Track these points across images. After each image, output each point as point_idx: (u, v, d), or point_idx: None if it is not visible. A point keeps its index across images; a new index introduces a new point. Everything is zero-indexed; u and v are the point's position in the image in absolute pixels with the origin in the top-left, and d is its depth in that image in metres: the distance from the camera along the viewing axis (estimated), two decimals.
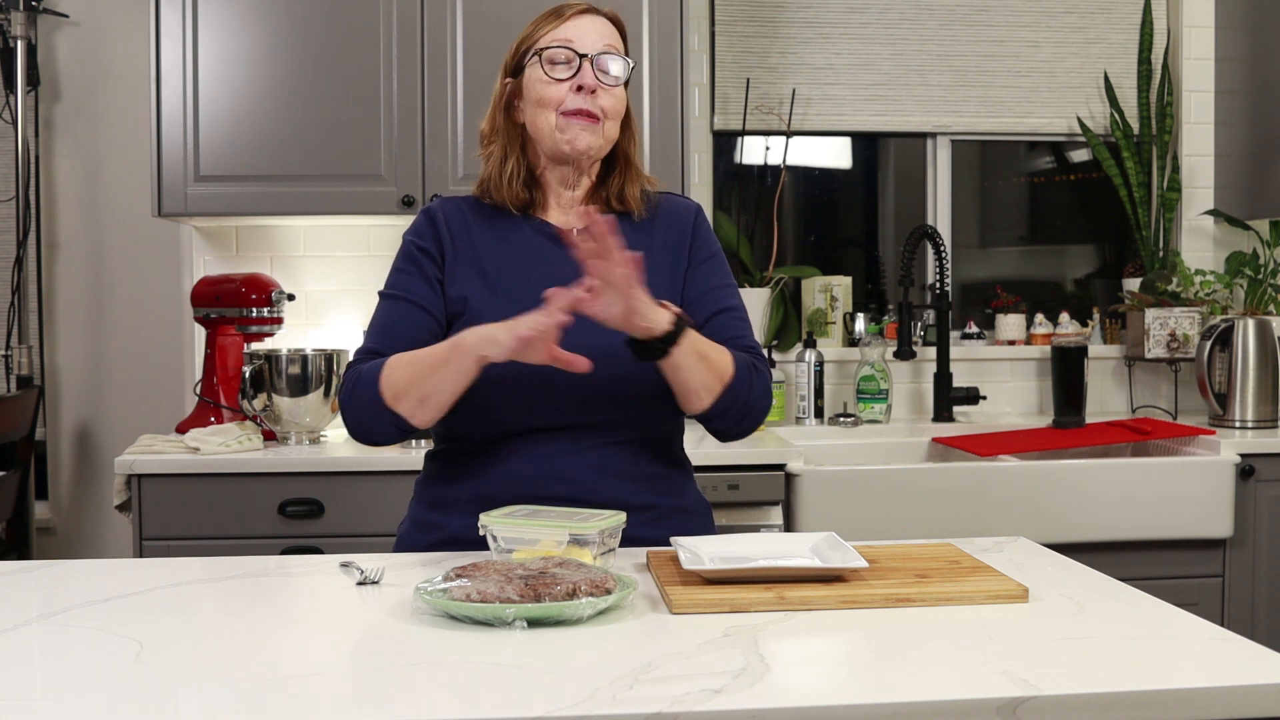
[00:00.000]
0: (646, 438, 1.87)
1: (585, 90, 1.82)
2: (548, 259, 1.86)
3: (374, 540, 2.68)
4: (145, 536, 2.82)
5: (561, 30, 1.85)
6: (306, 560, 1.78)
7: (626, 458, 1.84)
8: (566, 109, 1.82)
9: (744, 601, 1.44)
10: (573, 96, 1.82)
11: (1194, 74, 3.74)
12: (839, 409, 3.55)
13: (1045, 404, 3.68)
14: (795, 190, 3.84)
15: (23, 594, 1.58)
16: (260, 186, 3.10)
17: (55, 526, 3.78)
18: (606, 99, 1.84)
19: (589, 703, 1.12)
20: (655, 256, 1.90)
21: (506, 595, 1.36)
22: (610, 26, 1.89)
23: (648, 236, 1.92)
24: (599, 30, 1.86)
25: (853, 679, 1.26)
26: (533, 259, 1.87)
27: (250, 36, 3.08)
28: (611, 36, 1.87)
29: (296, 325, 3.42)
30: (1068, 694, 1.15)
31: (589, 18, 1.87)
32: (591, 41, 1.84)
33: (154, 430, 3.40)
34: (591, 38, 1.85)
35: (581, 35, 1.85)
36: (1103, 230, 3.94)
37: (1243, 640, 1.33)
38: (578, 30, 1.85)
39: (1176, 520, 2.97)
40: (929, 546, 1.73)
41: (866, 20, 3.69)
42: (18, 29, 3.62)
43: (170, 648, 1.32)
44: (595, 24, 1.86)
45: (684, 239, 1.94)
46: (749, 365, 1.84)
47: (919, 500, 2.89)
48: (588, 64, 1.83)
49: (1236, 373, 3.37)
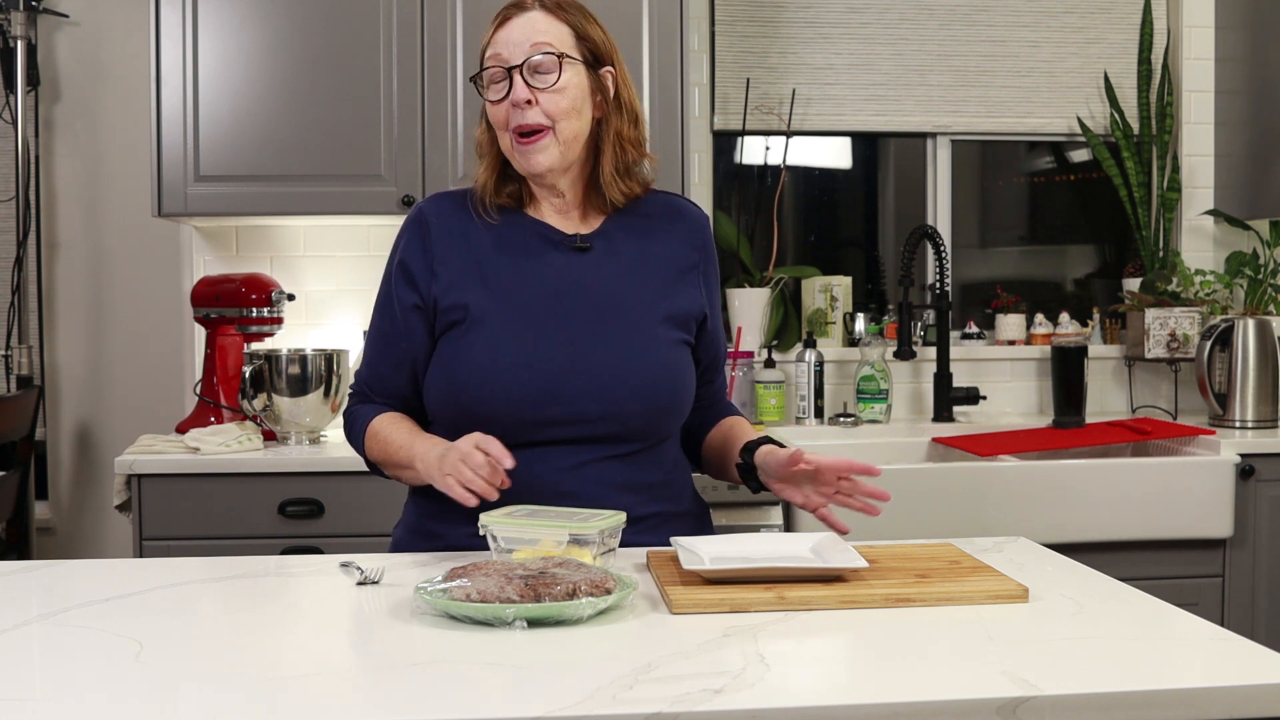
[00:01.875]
0: (651, 447, 1.85)
1: (519, 105, 1.76)
2: (551, 265, 1.83)
3: (374, 540, 2.68)
4: (145, 536, 2.82)
5: (492, 46, 1.80)
6: (306, 560, 1.78)
7: (631, 469, 1.82)
8: (513, 127, 1.78)
9: (744, 601, 1.44)
10: (513, 113, 1.77)
11: (1194, 74, 3.74)
12: (839, 409, 3.55)
13: (1045, 404, 3.68)
14: (795, 190, 3.84)
15: (23, 594, 1.58)
16: (260, 186, 3.10)
17: (55, 526, 3.78)
18: (549, 102, 1.76)
19: (589, 703, 1.12)
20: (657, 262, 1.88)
21: (506, 595, 1.37)
22: (544, 19, 1.78)
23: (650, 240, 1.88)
24: (526, 31, 1.77)
25: (853, 679, 1.26)
26: (536, 265, 1.83)
27: (250, 36, 3.08)
28: (543, 31, 1.77)
29: (296, 325, 3.42)
30: (1068, 694, 1.15)
31: (516, 20, 1.78)
32: (517, 48, 1.76)
33: (154, 430, 3.40)
34: (517, 43, 1.76)
35: (507, 45, 1.77)
36: (1103, 230, 3.94)
37: (1243, 640, 1.33)
38: (504, 39, 1.78)
39: (1176, 520, 2.97)
40: (929, 546, 1.74)
41: (866, 20, 3.69)
42: (18, 29, 3.62)
43: (170, 648, 1.32)
44: (523, 25, 1.77)
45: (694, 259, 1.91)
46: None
47: (919, 500, 2.89)
48: (517, 75, 1.76)
49: (1236, 373, 3.36)
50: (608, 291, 1.83)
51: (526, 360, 1.77)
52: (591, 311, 1.81)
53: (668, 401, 1.83)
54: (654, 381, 1.80)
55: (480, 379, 1.76)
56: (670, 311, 1.86)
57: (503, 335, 1.78)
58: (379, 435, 1.84)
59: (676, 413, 1.87)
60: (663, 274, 1.88)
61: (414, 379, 1.86)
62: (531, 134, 1.77)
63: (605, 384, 1.77)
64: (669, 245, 1.90)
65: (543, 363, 1.77)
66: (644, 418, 1.81)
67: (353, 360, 3.23)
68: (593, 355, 1.78)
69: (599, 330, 1.80)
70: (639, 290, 1.85)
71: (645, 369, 1.80)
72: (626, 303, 1.83)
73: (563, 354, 1.78)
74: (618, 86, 1.84)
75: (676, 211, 1.94)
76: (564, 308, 1.80)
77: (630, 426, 1.80)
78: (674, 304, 1.87)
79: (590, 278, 1.83)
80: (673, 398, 1.84)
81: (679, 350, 1.86)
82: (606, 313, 1.82)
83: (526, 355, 1.77)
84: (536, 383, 1.76)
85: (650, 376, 1.80)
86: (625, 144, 1.84)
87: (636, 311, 1.83)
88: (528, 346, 1.78)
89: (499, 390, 1.76)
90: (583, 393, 1.76)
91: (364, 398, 1.92)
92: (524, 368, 1.76)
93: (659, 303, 1.85)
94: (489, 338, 1.78)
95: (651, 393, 1.81)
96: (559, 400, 1.76)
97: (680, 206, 1.95)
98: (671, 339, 1.85)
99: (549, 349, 1.78)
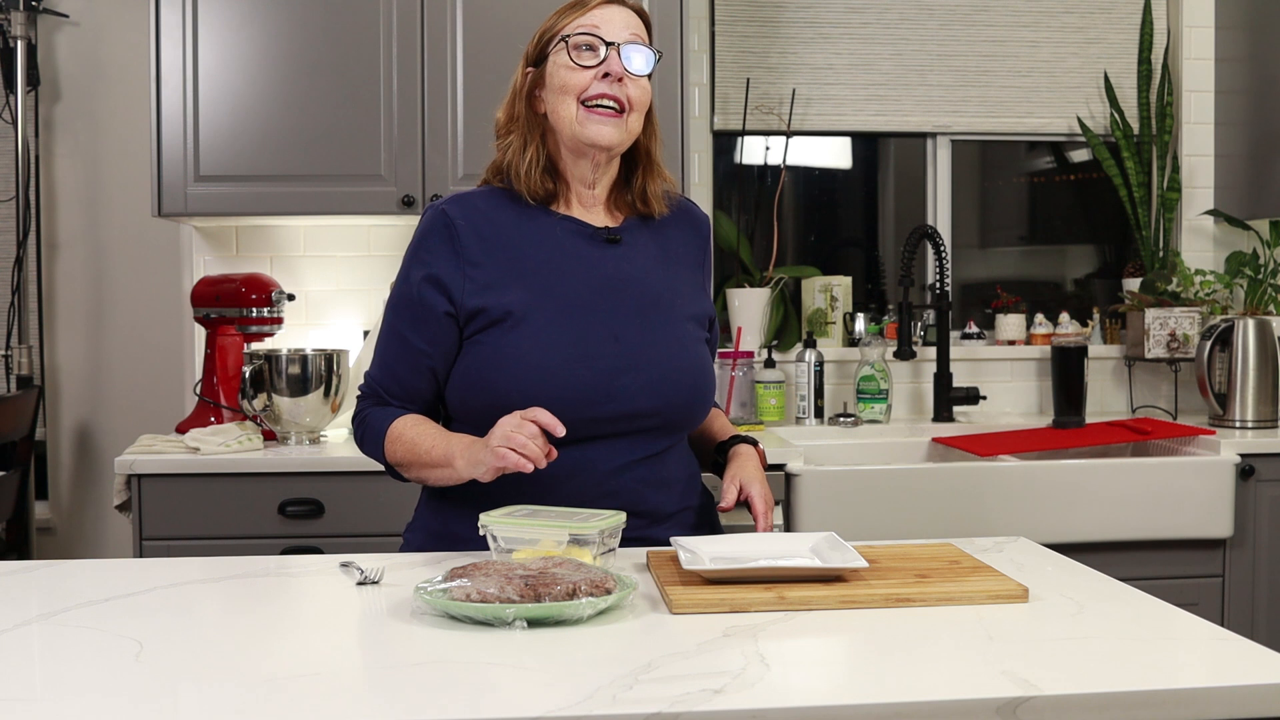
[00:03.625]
0: (680, 442, 1.89)
1: (612, 78, 1.79)
2: (588, 259, 1.83)
3: (374, 540, 2.68)
4: (145, 536, 2.82)
5: (588, 18, 1.82)
6: (306, 560, 1.77)
7: (666, 465, 1.84)
8: (590, 95, 1.78)
9: (744, 601, 1.44)
10: (598, 83, 1.79)
11: (1194, 74, 3.74)
12: (839, 409, 3.55)
13: (1045, 404, 3.68)
14: (795, 190, 3.84)
15: (23, 594, 1.58)
16: (260, 186, 3.10)
17: (55, 526, 3.78)
18: (633, 89, 1.80)
19: (589, 703, 1.12)
20: (674, 260, 1.92)
21: (506, 595, 1.36)
22: (636, 17, 1.85)
23: (665, 238, 1.92)
24: (625, 20, 1.83)
25: (853, 679, 1.26)
26: (573, 260, 1.82)
27: (250, 36, 3.08)
28: (637, 27, 1.84)
29: (296, 325, 3.42)
30: (1068, 694, 1.15)
31: (615, 7, 1.83)
32: (618, 30, 1.81)
33: (154, 430, 3.40)
34: (618, 26, 1.81)
35: (608, 23, 1.81)
36: (1103, 230, 3.94)
37: (1243, 640, 1.33)
38: (604, 18, 1.82)
39: (1176, 520, 2.97)
40: (929, 546, 1.73)
41: (866, 20, 3.69)
42: (18, 29, 3.62)
43: (170, 648, 1.32)
44: (621, 13, 1.83)
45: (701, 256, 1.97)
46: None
47: (919, 500, 2.89)
48: (614, 52, 1.80)
49: (1236, 373, 3.36)
50: (643, 284, 1.85)
51: (578, 356, 1.76)
52: (632, 305, 1.82)
53: (705, 394, 1.88)
54: (694, 373, 1.83)
55: (531, 378, 1.74)
56: (693, 308, 1.90)
57: (549, 333, 1.77)
58: (404, 437, 1.80)
59: (708, 406, 1.92)
60: (682, 270, 1.93)
61: (434, 382, 1.84)
62: (610, 109, 1.79)
63: (654, 377, 1.79)
64: (681, 244, 1.94)
65: (593, 359, 1.76)
66: (688, 410, 1.85)
67: (353, 360, 3.23)
68: (639, 349, 1.80)
69: (641, 323, 1.82)
70: (669, 284, 1.88)
71: (687, 362, 1.84)
72: (661, 296, 1.86)
73: (611, 349, 1.78)
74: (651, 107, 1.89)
75: (684, 212, 1.97)
76: (605, 302, 1.81)
77: (674, 420, 1.83)
78: (693, 302, 1.91)
79: (626, 271, 1.84)
80: (708, 390, 1.89)
81: (703, 346, 1.91)
82: (645, 305, 1.83)
83: (576, 352, 1.76)
84: (589, 379, 1.75)
85: (691, 369, 1.83)
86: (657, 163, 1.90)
87: (670, 305, 1.86)
88: (577, 343, 1.77)
89: (551, 388, 1.74)
90: (635, 387, 1.77)
91: (378, 400, 1.87)
92: (575, 364, 1.75)
93: (685, 298, 1.90)
94: (536, 336, 1.76)
95: (693, 384, 1.84)
96: (612, 397, 1.76)
97: (687, 207, 1.99)
98: (698, 335, 1.90)
99: (597, 344, 1.78)
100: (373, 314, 3.41)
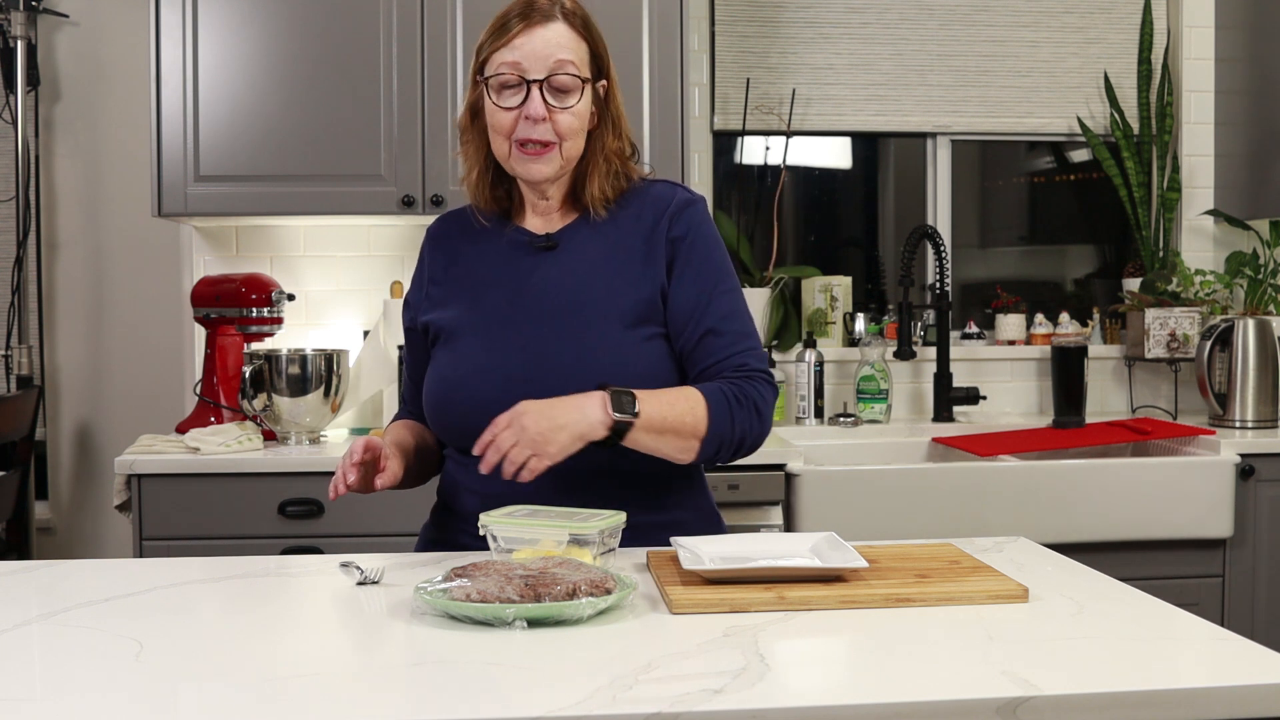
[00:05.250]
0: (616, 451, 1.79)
1: (533, 119, 1.73)
2: (518, 270, 1.82)
3: (374, 540, 2.68)
4: (145, 536, 2.82)
5: (509, 50, 1.74)
6: (306, 560, 1.78)
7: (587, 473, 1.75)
8: (518, 138, 1.75)
9: (744, 601, 1.44)
10: (523, 124, 1.74)
11: (1194, 74, 3.74)
12: (839, 409, 3.55)
13: (1045, 404, 3.68)
14: (795, 190, 3.84)
15: (23, 594, 1.58)
16: (260, 186, 3.10)
17: (55, 526, 3.78)
18: (562, 121, 1.75)
19: (589, 703, 1.12)
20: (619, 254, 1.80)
21: (506, 595, 1.36)
22: (564, 31, 1.75)
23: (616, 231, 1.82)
24: (549, 44, 1.73)
25: (853, 679, 1.26)
26: (505, 270, 1.82)
27: (250, 36, 3.08)
28: (564, 46, 1.74)
29: (296, 325, 3.42)
30: (1068, 694, 1.15)
31: (538, 30, 1.73)
32: (540, 61, 1.73)
33: (154, 430, 3.40)
34: (540, 56, 1.73)
35: (529, 55, 1.73)
36: (1103, 230, 3.94)
37: (1243, 640, 1.33)
38: (526, 49, 1.73)
39: (1176, 520, 2.97)
40: (929, 546, 1.73)
41: (866, 20, 3.69)
42: (18, 29, 3.62)
43: (170, 648, 1.32)
44: (545, 37, 1.73)
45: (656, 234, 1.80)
46: (730, 399, 1.72)
47: (919, 500, 2.89)
48: (536, 90, 1.73)
49: (1236, 373, 3.36)
50: (568, 289, 1.79)
51: (481, 368, 1.78)
52: (550, 312, 1.78)
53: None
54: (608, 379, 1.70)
55: (444, 390, 1.81)
56: (630, 305, 1.77)
57: (466, 348, 1.81)
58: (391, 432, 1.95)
59: None
60: (628, 265, 1.80)
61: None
62: (539, 147, 1.76)
63: (554, 386, 1.69)
64: (634, 234, 1.81)
65: (495, 370, 1.77)
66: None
67: (353, 360, 3.24)
68: (546, 358, 1.75)
69: (555, 331, 1.77)
70: (603, 285, 1.79)
71: (600, 368, 1.73)
72: (585, 301, 1.78)
73: (515, 359, 1.77)
74: (609, 96, 1.83)
75: (652, 200, 1.84)
76: (521, 313, 1.79)
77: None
78: (634, 295, 1.78)
79: (553, 277, 1.80)
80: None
81: (644, 346, 1.77)
82: (565, 312, 1.78)
83: (482, 363, 1.78)
84: (487, 391, 1.75)
85: (605, 376, 1.71)
86: (610, 157, 1.82)
87: (597, 308, 1.77)
88: (486, 354, 1.79)
89: (458, 399, 1.79)
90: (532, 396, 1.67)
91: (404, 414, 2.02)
92: (479, 375, 1.77)
93: (621, 298, 1.78)
94: (454, 352, 1.82)
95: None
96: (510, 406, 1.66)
97: (658, 193, 1.85)
98: (635, 336, 1.77)
99: (503, 355, 1.78)
100: (373, 314, 3.42)
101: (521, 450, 1.61)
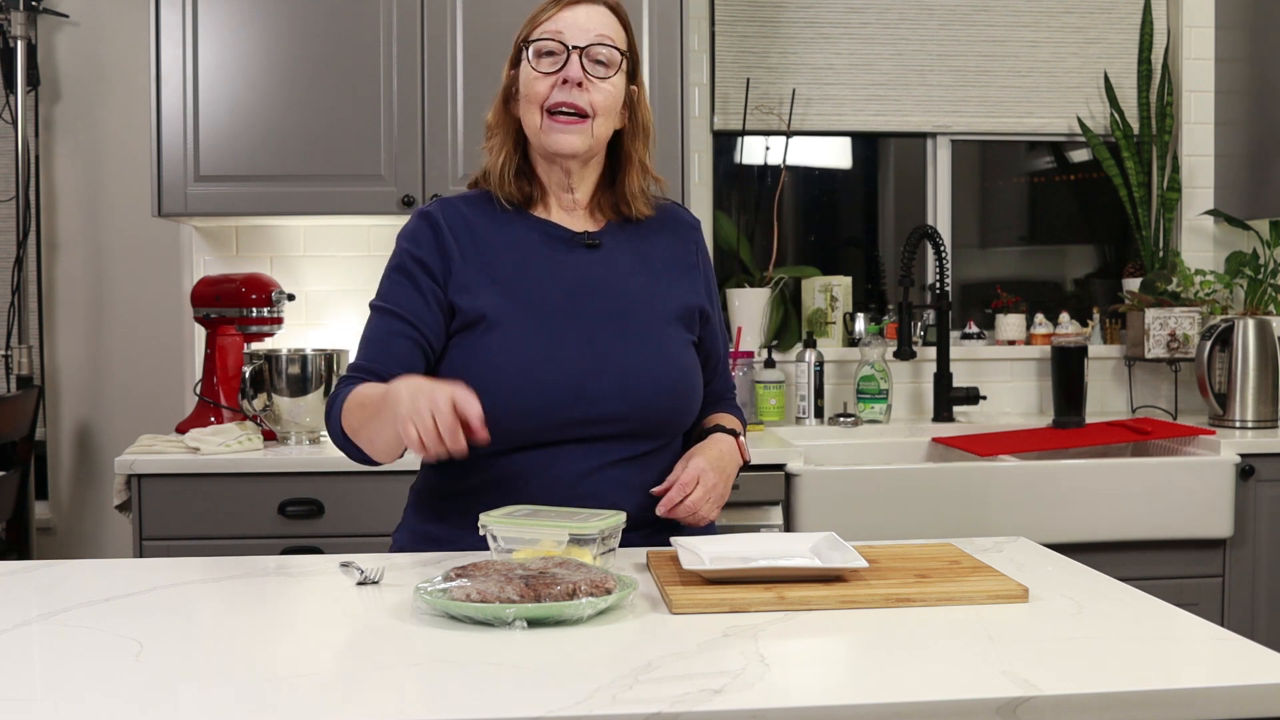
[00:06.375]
0: (662, 448, 1.85)
1: (570, 83, 1.76)
2: (563, 263, 1.83)
3: (374, 540, 2.68)
4: (145, 536, 2.82)
5: (553, 21, 1.79)
6: (306, 560, 1.77)
7: (644, 471, 1.81)
8: (551, 103, 1.77)
9: (744, 601, 1.44)
10: (558, 90, 1.77)
11: (1194, 74, 3.74)
12: (839, 409, 3.55)
13: (1045, 404, 3.68)
14: (795, 190, 3.84)
15: (23, 594, 1.58)
16: (260, 186, 3.10)
17: (55, 526, 3.78)
18: (596, 93, 1.78)
19: (589, 703, 1.12)
20: (658, 264, 1.89)
21: (506, 595, 1.36)
22: (608, 16, 1.81)
23: (649, 243, 1.90)
24: (593, 20, 1.79)
25: (853, 679, 1.26)
26: (546, 264, 1.82)
27: (250, 36, 3.08)
28: (607, 26, 1.80)
29: (296, 325, 3.42)
30: (1068, 694, 1.15)
31: (584, 7, 1.80)
32: (582, 32, 1.78)
33: (154, 430, 3.40)
34: (583, 28, 1.78)
35: (572, 26, 1.78)
36: (1103, 230, 3.94)
37: (1243, 640, 1.33)
38: (570, 20, 1.78)
39: (1176, 520, 2.97)
40: (929, 546, 1.73)
41: (866, 20, 3.69)
42: (18, 29, 3.62)
43: (170, 648, 1.32)
44: (590, 14, 1.79)
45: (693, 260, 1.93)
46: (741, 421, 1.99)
47: (919, 500, 2.89)
48: (576, 56, 1.77)
49: (1236, 373, 3.36)
50: (621, 289, 1.83)
51: (548, 360, 1.76)
52: (607, 309, 1.81)
53: (685, 399, 1.85)
54: (672, 378, 1.81)
55: (501, 381, 1.73)
56: (678, 310, 1.87)
57: (521, 336, 1.77)
58: (357, 396, 1.71)
59: (690, 412, 1.88)
60: (667, 273, 1.89)
61: (422, 357, 1.79)
62: (572, 116, 1.78)
63: (628, 381, 1.77)
64: (669, 248, 1.92)
65: (564, 362, 1.76)
66: (663, 415, 1.82)
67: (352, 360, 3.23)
68: (613, 353, 1.78)
69: (616, 327, 1.80)
70: (649, 288, 1.86)
71: (663, 366, 1.81)
72: (639, 300, 1.84)
73: (583, 352, 1.77)
74: (639, 102, 1.87)
75: (671, 217, 1.96)
76: (580, 306, 1.80)
77: (650, 424, 1.80)
78: (680, 300, 1.88)
79: (602, 275, 1.83)
80: (690, 395, 1.85)
81: (690, 350, 1.88)
82: (622, 310, 1.82)
83: (547, 355, 1.76)
84: (559, 382, 1.74)
85: (668, 373, 1.81)
86: (646, 167, 1.89)
87: (649, 309, 1.84)
88: (547, 347, 1.77)
89: (521, 391, 1.73)
90: (606, 390, 1.76)
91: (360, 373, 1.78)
92: (546, 367, 1.75)
93: (667, 301, 1.87)
94: (506, 340, 1.76)
95: (670, 389, 1.81)
96: (583, 399, 1.75)
97: (675, 212, 1.97)
98: (683, 339, 1.87)
99: (569, 348, 1.77)
100: None
101: (712, 508, 1.80)
